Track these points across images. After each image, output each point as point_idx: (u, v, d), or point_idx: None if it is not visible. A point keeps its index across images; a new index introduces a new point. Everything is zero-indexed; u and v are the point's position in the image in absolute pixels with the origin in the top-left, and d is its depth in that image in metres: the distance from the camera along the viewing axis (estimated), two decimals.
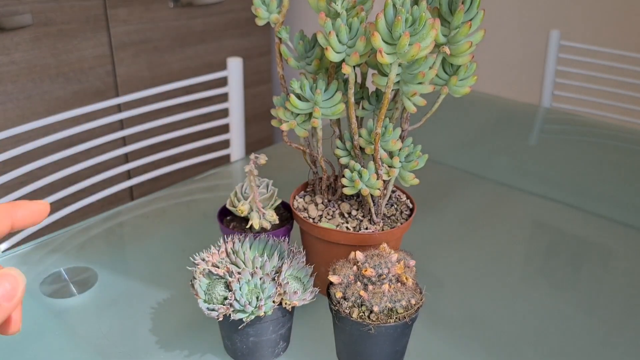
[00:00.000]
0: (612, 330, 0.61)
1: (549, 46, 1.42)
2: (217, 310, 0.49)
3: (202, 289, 0.50)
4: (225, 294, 0.49)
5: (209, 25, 1.77)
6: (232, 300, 0.49)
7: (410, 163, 0.57)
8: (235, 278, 0.50)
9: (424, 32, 0.47)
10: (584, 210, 0.85)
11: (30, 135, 1.36)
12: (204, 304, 0.49)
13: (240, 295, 0.49)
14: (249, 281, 0.50)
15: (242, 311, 0.49)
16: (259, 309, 0.48)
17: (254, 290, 0.49)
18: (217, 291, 0.50)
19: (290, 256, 0.54)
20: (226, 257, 0.53)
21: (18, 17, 1.35)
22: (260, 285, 0.50)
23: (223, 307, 0.48)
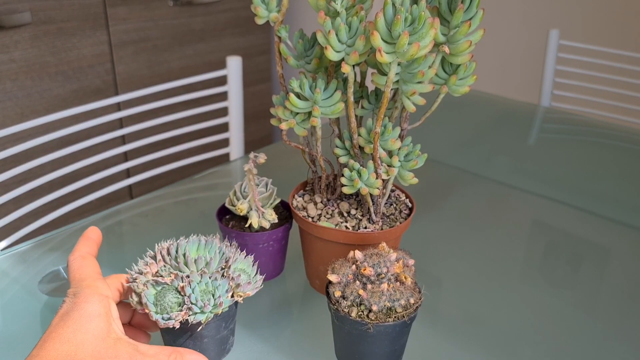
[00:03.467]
0: (611, 330, 0.61)
1: (549, 45, 1.42)
2: (174, 318, 0.47)
3: (150, 301, 0.48)
4: (178, 300, 0.48)
5: (209, 24, 1.77)
6: (189, 304, 0.47)
7: (410, 162, 0.57)
8: (186, 281, 0.48)
9: (423, 31, 0.47)
10: (583, 209, 0.85)
11: (30, 133, 1.36)
12: (157, 315, 0.47)
13: (195, 297, 0.48)
14: (199, 282, 0.49)
15: (201, 312, 0.48)
16: (218, 307, 0.48)
17: (206, 290, 0.48)
18: (168, 299, 0.48)
19: (229, 251, 0.53)
20: (165, 265, 0.51)
21: (17, 15, 1.34)
22: (212, 283, 0.49)
23: (180, 314, 0.47)
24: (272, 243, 0.62)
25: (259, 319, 0.60)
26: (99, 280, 0.46)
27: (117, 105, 1.55)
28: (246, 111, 1.82)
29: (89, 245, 0.50)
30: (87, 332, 0.42)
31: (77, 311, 0.42)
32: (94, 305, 0.43)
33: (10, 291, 0.64)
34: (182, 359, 0.44)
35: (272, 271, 0.65)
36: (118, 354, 0.42)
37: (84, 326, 0.42)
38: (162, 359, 0.43)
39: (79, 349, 0.41)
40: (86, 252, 0.49)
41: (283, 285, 0.65)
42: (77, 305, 0.43)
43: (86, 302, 0.43)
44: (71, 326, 0.42)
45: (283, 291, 0.65)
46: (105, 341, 0.42)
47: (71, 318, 0.42)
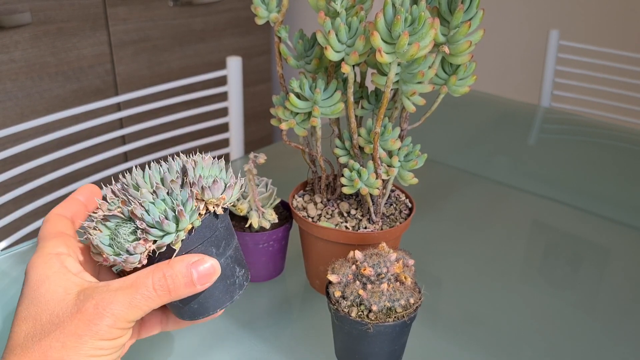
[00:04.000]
0: (611, 330, 0.61)
1: (549, 46, 1.42)
2: (134, 251, 0.37)
3: (104, 243, 0.39)
4: (131, 230, 0.38)
5: (209, 24, 1.77)
6: (145, 226, 0.37)
7: (410, 162, 0.57)
8: (137, 203, 0.38)
9: (423, 32, 0.47)
10: (583, 209, 0.85)
11: (30, 133, 1.36)
12: (116, 257, 0.38)
13: (150, 217, 0.37)
14: (154, 199, 0.38)
15: (166, 233, 0.38)
16: (180, 219, 0.38)
17: (166, 208, 0.38)
18: (122, 233, 0.38)
19: (190, 161, 0.42)
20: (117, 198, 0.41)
21: (17, 15, 1.34)
22: (170, 197, 0.39)
23: (138, 243, 0.37)
24: (272, 243, 0.62)
25: (259, 319, 0.60)
26: (54, 238, 0.40)
27: (117, 106, 1.55)
28: (246, 111, 1.82)
29: (66, 205, 0.43)
30: (39, 302, 0.37)
31: (27, 284, 0.38)
32: (40, 269, 0.38)
33: (11, 291, 0.64)
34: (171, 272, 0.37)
35: (272, 271, 0.65)
36: (81, 307, 0.36)
37: (35, 297, 0.37)
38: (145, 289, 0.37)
39: (36, 323, 0.36)
40: (54, 213, 0.42)
41: (283, 285, 0.65)
42: (27, 278, 0.38)
43: (32, 269, 0.38)
44: (24, 302, 0.37)
45: (283, 291, 0.65)
46: (63, 301, 0.36)
47: (24, 294, 0.38)
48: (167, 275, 0.37)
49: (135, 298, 0.36)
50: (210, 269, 0.39)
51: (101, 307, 0.36)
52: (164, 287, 0.37)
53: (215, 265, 0.39)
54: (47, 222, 0.41)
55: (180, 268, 0.37)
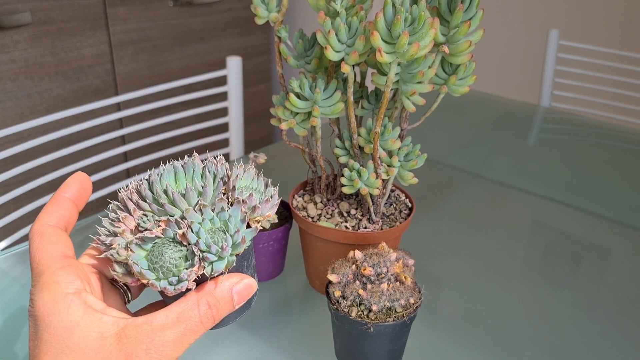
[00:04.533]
0: (611, 330, 0.61)
1: (548, 46, 1.42)
2: (187, 278, 0.34)
3: (143, 266, 0.35)
4: (182, 253, 0.35)
5: (209, 24, 1.77)
6: (199, 253, 0.34)
7: (409, 162, 0.57)
8: (184, 225, 0.35)
9: (423, 31, 0.47)
10: (583, 209, 0.85)
11: (30, 133, 1.36)
12: (161, 282, 0.34)
13: (205, 241, 0.34)
14: (202, 220, 0.35)
15: (219, 258, 0.35)
16: (240, 244, 0.35)
17: (214, 228, 0.35)
18: (168, 257, 0.34)
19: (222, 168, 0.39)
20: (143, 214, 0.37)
21: (17, 15, 1.34)
22: (218, 216, 0.36)
23: (193, 270, 0.34)
24: (272, 243, 0.62)
25: (259, 318, 0.60)
26: (63, 270, 0.34)
27: (117, 106, 1.55)
28: (246, 111, 1.82)
29: (57, 210, 0.37)
30: (74, 353, 0.32)
31: (47, 331, 0.32)
32: (64, 315, 0.32)
33: (11, 291, 0.65)
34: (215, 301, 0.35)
35: (272, 271, 0.65)
36: (129, 351, 0.32)
37: (67, 346, 0.32)
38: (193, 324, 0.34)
39: None
40: (47, 224, 0.36)
41: (283, 285, 0.65)
42: (43, 323, 0.32)
43: (52, 315, 0.32)
44: (50, 352, 0.32)
45: (283, 291, 0.65)
46: (103, 348, 0.32)
47: (45, 342, 0.32)
48: (212, 304, 0.35)
49: (185, 334, 0.34)
50: (248, 289, 0.37)
51: (154, 351, 0.33)
52: (209, 317, 0.35)
53: (252, 284, 0.37)
54: (41, 237, 0.35)
55: (223, 294, 0.36)
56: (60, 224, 0.37)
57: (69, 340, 0.32)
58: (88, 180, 0.39)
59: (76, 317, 0.32)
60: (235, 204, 0.36)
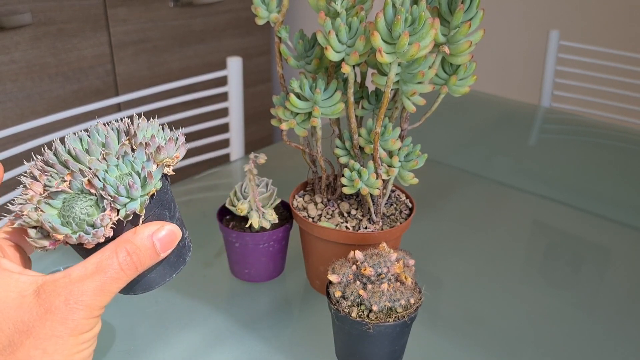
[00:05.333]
0: (611, 330, 0.61)
1: (549, 46, 1.42)
2: (101, 224, 0.34)
3: (56, 223, 0.34)
4: (90, 202, 0.34)
5: (209, 25, 1.77)
6: (109, 196, 0.34)
7: (410, 162, 0.57)
8: (90, 174, 0.35)
9: (423, 32, 0.47)
10: (583, 210, 0.85)
11: (30, 134, 1.36)
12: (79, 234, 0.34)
13: (113, 184, 0.34)
14: (107, 166, 0.35)
15: (130, 199, 0.35)
16: (149, 181, 0.35)
17: (121, 175, 0.35)
18: (79, 208, 0.34)
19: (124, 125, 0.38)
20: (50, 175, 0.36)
21: (18, 16, 1.35)
22: (123, 161, 0.36)
23: (105, 214, 0.34)
24: (272, 243, 0.62)
25: (259, 319, 0.60)
26: None
27: (117, 106, 1.55)
28: (246, 112, 1.82)
29: None
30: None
31: None
32: None
33: None
34: (134, 248, 0.35)
35: (272, 271, 0.65)
36: (48, 305, 0.32)
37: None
38: (112, 271, 0.34)
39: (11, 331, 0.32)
40: None
41: (283, 286, 0.65)
42: None
43: None
44: None
45: (283, 291, 0.65)
46: (23, 306, 0.32)
47: None
48: (131, 251, 0.35)
49: (105, 283, 0.34)
50: (171, 235, 0.37)
51: (72, 301, 0.33)
52: (130, 264, 0.35)
53: (174, 230, 0.37)
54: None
55: (142, 241, 0.35)
56: None
57: None
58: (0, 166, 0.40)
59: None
60: (139, 148, 0.36)
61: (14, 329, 0.32)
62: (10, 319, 0.32)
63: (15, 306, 0.32)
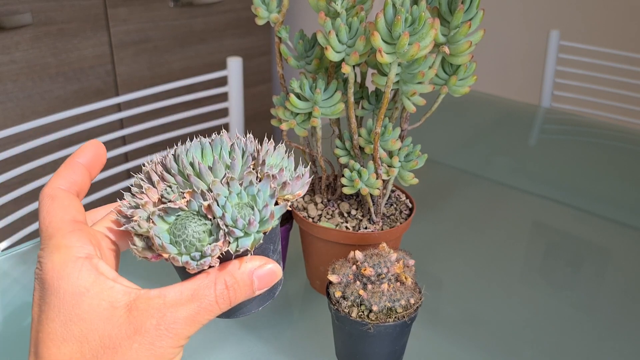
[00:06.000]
0: (611, 330, 0.61)
1: (549, 46, 1.42)
2: (211, 254, 0.32)
3: (165, 240, 0.33)
4: (207, 227, 0.33)
5: (209, 25, 1.77)
6: (225, 227, 0.32)
7: (410, 162, 0.57)
8: (210, 197, 0.33)
9: (423, 32, 0.47)
10: (584, 210, 0.85)
11: (30, 134, 1.37)
12: (184, 257, 0.32)
13: (231, 215, 0.32)
14: (229, 194, 0.33)
15: (246, 234, 0.33)
16: (268, 220, 0.33)
17: (241, 203, 0.33)
18: (191, 230, 0.32)
19: (251, 144, 0.37)
20: (168, 186, 0.35)
21: (18, 16, 1.35)
22: (248, 191, 0.33)
23: (217, 245, 0.32)
24: None
25: (259, 319, 0.60)
26: (74, 233, 0.32)
27: (117, 106, 1.55)
28: (247, 112, 1.82)
29: (69, 174, 0.35)
30: (83, 321, 0.30)
31: (56, 296, 0.30)
32: (74, 280, 0.31)
33: (12, 292, 0.65)
34: (234, 282, 0.33)
35: None
36: (139, 325, 0.30)
37: (77, 314, 0.30)
38: (207, 303, 0.32)
39: (84, 346, 0.30)
40: (59, 188, 0.34)
41: (283, 286, 0.65)
42: (51, 287, 0.31)
43: (61, 279, 0.31)
44: (60, 318, 0.30)
45: (283, 292, 0.65)
46: (112, 319, 0.30)
47: (53, 307, 0.30)
48: (230, 285, 0.33)
49: (199, 313, 0.32)
50: (271, 275, 0.34)
51: (164, 328, 0.31)
52: (225, 298, 0.33)
53: (275, 270, 0.35)
54: (52, 200, 0.34)
55: (242, 276, 0.33)
56: (72, 188, 0.35)
57: (78, 307, 0.30)
58: (103, 148, 0.37)
59: (87, 283, 0.31)
60: (265, 179, 0.34)
61: (100, 343, 0.30)
62: (98, 331, 0.30)
63: (105, 318, 0.31)
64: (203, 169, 0.34)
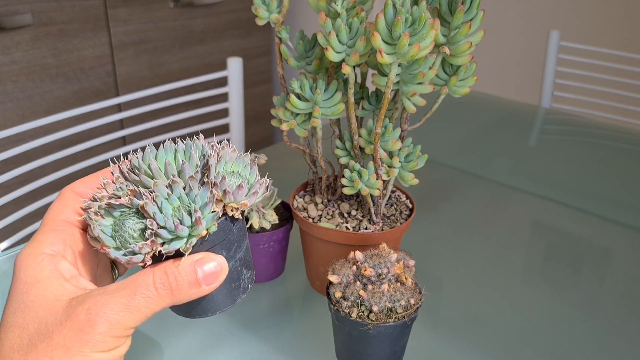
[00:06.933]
0: (612, 331, 0.61)
1: (549, 47, 1.42)
2: (139, 251, 0.33)
3: (106, 233, 0.34)
4: (141, 225, 0.34)
5: (209, 25, 1.77)
6: (155, 227, 0.33)
7: (410, 163, 0.57)
8: (149, 198, 0.34)
9: (423, 32, 0.47)
10: (584, 210, 0.85)
11: (31, 134, 1.37)
12: (116, 252, 0.34)
13: (163, 217, 0.34)
14: (169, 195, 0.35)
15: (176, 237, 0.34)
16: (197, 226, 0.34)
17: (180, 206, 0.34)
18: (128, 227, 0.34)
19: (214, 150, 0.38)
20: (126, 182, 0.37)
21: (18, 16, 1.35)
22: (187, 195, 0.35)
23: (145, 243, 0.33)
24: (272, 244, 0.62)
25: (259, 319, 0.60)
26: (53, 231, 0.35)
27: (117, 107, 1.55)
28: (247, 112, 1.82)
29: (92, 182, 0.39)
30: (27, 309, 0.32)
31: (15, 285, 0.33)
32: (30, 271, 0.33)
33: None
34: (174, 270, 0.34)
35: (272, 272, 0.65)
36: (72, 312, 0.31)
37: (23, 302, 0.32)
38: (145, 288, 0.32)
39: (23, 332, 0.32)
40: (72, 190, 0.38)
41: (283, 286, 0.65)
42: (15, 276, 0.34)
43: (22, 268, 0.34)
44: (12, 306, 0.33)
45: (283, 292, 0.65)
46: (52, 309, 0.32)
47: (11, 296, 0.33)
48: (170, 273, 0.33)
49: (134, 299, 0.32)
50: (217, 268, 0.35)
51: (93, 312, 0.31)
52: (166, 285, 0.33)
53: (222, 264, 0.35)
54: (60, 198, 0.37)
55: (184, 266, 0.34)
56: (86, 194, 0.37)
57: (25, 295, 0.32)
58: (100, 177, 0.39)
59: (39, 276, 0.33)
60: (205, 185, 0.35)
61: (37, 329, 0.31)
62: (37, 319, 0.32)
63: (46, 307, 0.32)
64: (155, 170, 0.36)
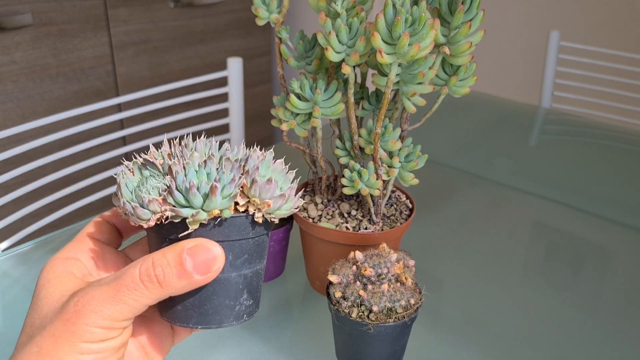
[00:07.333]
0: (612, 331, 0.61)
1: (549, 47, 1.42)
2: (148, 207, 0.32)
3: (128, 187, 0.34)
4: (163, 186, 0.33)
5: (209, 26, 1.77)
6: (173, 187, 0.32)
7: (410, 163, 0.57)
8: (180, 162, 0.33)
9: (423, 32, 0.47)
10: (584, 211, 0.85)
11: (31, 134, 1.37)
12: (128, 205, 0.33)
13: (182, 178, 0.32)
14: (199, 167, 0.33)
15: (188, 205, 0.32)
16: (211, 197, 0.32)
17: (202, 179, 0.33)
18: (149, 184, 0.33)
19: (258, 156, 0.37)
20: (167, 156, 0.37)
21: (18, 16, 1.35)
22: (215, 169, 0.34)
23: (157, 199, 0.32)
24: (272, 244, 0.62)
25: (259, 319, 0.60)
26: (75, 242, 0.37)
27: (117, 107, 1.55)
28: (247, 112, 1.82)
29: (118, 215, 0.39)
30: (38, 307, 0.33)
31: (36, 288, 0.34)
32: (44, 273, 0.34)
33: (12, 292, 0.65)
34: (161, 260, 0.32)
35: (272, 272, 0.65)
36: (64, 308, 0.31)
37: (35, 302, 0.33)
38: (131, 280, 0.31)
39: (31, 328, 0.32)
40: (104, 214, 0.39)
41: (283, 286, 0.65)
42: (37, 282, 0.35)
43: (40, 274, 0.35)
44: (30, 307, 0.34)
45: (283, 292, 0.65)
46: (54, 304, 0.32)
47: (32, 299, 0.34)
48: (157, 263, 0.31)
49: (120, 291, 0.31)
50: (207, 254, 0.32)
51: (80, 304, 0.31)
52: (151, 277, 0.31)
53: (215, 252, 0.32)
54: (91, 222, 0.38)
55: (172, 254, 0.31)
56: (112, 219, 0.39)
57: (37, 296, 0.33)
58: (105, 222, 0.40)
59: (51, 276, 0.33)
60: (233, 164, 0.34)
61: (39, 324, 0.32)
62: (41, 315, 0.32)
63: (50, 304, 0.32)
64: (199, 150, 0.36)
